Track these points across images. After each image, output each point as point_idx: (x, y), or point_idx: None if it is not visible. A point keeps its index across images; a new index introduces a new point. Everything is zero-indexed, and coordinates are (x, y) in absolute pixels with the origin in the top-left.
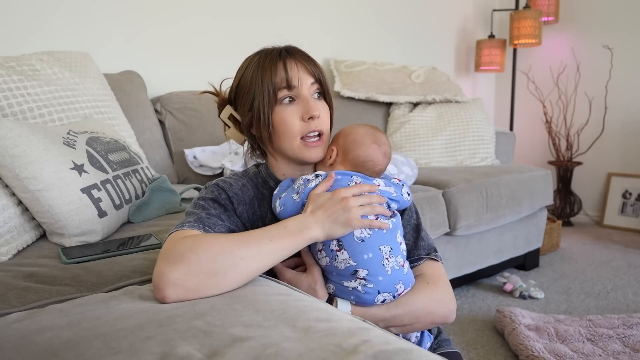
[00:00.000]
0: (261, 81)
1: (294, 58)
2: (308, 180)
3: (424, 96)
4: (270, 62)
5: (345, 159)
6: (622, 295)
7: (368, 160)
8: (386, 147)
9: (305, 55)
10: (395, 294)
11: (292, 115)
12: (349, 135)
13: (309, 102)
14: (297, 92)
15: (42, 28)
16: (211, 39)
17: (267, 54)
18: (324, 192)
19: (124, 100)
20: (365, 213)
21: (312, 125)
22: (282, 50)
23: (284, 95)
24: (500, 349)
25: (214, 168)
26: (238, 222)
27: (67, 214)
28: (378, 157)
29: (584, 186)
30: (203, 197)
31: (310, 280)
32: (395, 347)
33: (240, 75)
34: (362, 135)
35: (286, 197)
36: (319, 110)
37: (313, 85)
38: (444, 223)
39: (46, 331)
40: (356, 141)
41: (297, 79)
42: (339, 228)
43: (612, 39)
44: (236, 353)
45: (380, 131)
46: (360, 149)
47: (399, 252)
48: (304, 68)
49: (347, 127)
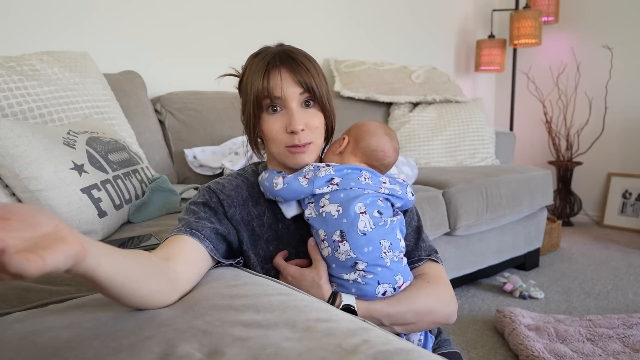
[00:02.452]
0: (249, 87)
1: (281, 67)
2: (318, 168)
3: (424, 96)
4: (258, 69)
5: (357, 147)
6: (622, 295)
7: (379, 150)
8: (396, 142)
9: (295, 63)
10: (395, 285)
11: (275, 125)
12: (363, 126)
13: (292, 115)
14: (283, 102)
15: (42, 28)
16: (211, 39)
17: (260, 58)
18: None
19: (124, 100)
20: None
21: (295, 139)
22: (273, 57)
23: (268, 104)
24: (500, 349)
25: (214, 168)
26: (228, 224)
27: (67, 214)
28: (389, 149)
29: (584, 186)
30: (194, 201)
31: (315, 275)
32: (395, 347)
33: (243, 72)
34: (375, 127)
35: (292, 178)
36: (302, 124)
37: (302, 95)
38: (444, 223)
39: (46, 331)
40: (369, 131)
41: (280, 90)
42: None
43: (612, 39)
44: (236, 353)
45: (391, 129)
46: (373, 138)
47: (397, 248)
48: (291, 78)
49: (361, 121)
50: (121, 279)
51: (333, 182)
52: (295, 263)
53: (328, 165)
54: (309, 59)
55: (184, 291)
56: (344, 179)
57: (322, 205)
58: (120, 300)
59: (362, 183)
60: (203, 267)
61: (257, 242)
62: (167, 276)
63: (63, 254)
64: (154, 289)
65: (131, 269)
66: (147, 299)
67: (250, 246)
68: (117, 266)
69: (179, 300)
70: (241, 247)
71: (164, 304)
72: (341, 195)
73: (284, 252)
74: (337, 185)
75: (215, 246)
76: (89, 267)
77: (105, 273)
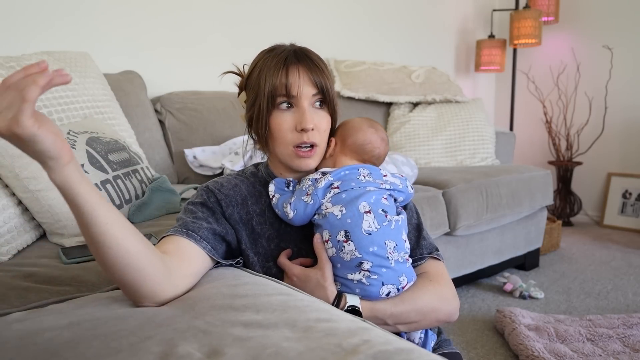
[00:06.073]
0: (264, 82)
1: (300, 65)
2: (316, 180)
3: (424, 96)
4: (275, 64)
5: (344, 145)
6: (622, 295)
7: (366, 143)
8: (382, 133)
9: (313, 63)
10: (399, 286)
11: (286, 123)
12: (347, 124)
13: (304, 113)
14: (296, 100)
15: (42, 28)
16: (211, 39)
17: (276, 54)
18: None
19: (124, 100)
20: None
21: (304, 137)
22: (290, 54)
23: (282, 100)
24: (500, 349)
25: (214, 168)
26: (226, 224)
27: (67, 214)
28: (376, 140)
29: (584, 186)
30: (192, 201)
31: (320, 277)
32: (396, 347)
33: (252, 68)
34: (359, 122)
35: (296, 201)
36: (313, 123)
37: (315, 96)
38: (444, 223)
39: (46, 331)
40: (354, 127)
41: (297, 89)
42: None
43: (612, 39)
44: (236, 353)
45: (376, 121)
46: (359, 133)
47: (402, 249)
48: (307, 77)
49: (344, 120)
50: (106, 221)
51: (333, 187)
52: (299, 262)
53: (324, 173)
54: (321, 61)
55: (178, 287)
56: (344, 181)
57: (325, 208)
58: (107, 256)
59: (362, 181)
60: (200, 267)
61: (257, 240)
62: (163, 262)
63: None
64: (147, 263)
65: (123, 224)
66: (138, 272)
67: (249, 245)
68: (101, 203)
69: (175, 300)
70: (240, 247)
71: (155, 292)
72: (343, 196)
73: (288, 251)
74: (337, 189)
75: (214, 247)
76: (70, 177)
77: (85, 197)
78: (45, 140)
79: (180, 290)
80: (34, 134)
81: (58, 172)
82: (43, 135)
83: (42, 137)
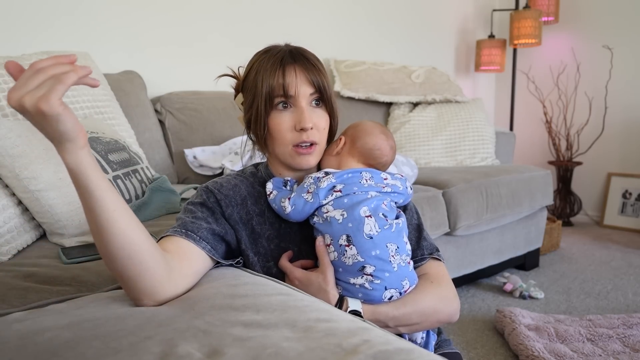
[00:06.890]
0: (261, 83)
1: (296, 65)
2: (319, 179)
3: (424, 96)
4: (272, 65)
5: (353, 146)
6: (622, 295)
7: (376, 148)
8: (392, 141)
9: (309, 62)
10: (402, 290)
11: (285, 123)
12: (359, 125)
13: (303, 112)
14: (294, 100)
15: (42, 28)
16: (211, 39)
17: (272, 54)
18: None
19: (124, 100)
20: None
21: (303, 136)
22: (286, 54)
23: (280, 101)
24: (500, 349)
25: (214, 168)
26: (225, 224)
27: (67, 214)
28: (385, 147)
29: (584, 186)
30: (192, 201)
31: (322, 281)
32: (396, 347)
33: (248, 70)
34: (371, 126)
35: (296, 197)
36: (311, 122)
37: (312, 95)
38: (444, 223)
39: (46, 331)
40: (365, 131)
41: (294, 88)
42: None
43: (612, 39)
44: (236, 353)
45: (387, 129)
46: (369, 137)
47: (404, 252)
48: (304, 77)
49: (357, 121)
50: (114, 208)
51: (336, 189)
52: (300, 264)
53: (327, 174)
54: (317, 59)
55: (178, 286)
56: (346, 185)
57: (326, 211)
58: (111, 245)
59: (364, 186)
60: (200, 267)
61: (257, 240)
62: (165, 259)
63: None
64: (150, 257)
65: (130, 215)
66: (140, 264)
67: (249, 245)
68: (111, 190)
69: (174, 300)
70: (240, 247)
71: (155, 289)
72: (345, 201)
73: (289, 253)
74: (340, 192)
75: (214, 247)
76: (84, 160)
77: (97, 182)
78: (67, 122)
79: (180, 289)
80: (59, 114)
81: (74, 155)
82: (66, 115)
83: (65, 117)
